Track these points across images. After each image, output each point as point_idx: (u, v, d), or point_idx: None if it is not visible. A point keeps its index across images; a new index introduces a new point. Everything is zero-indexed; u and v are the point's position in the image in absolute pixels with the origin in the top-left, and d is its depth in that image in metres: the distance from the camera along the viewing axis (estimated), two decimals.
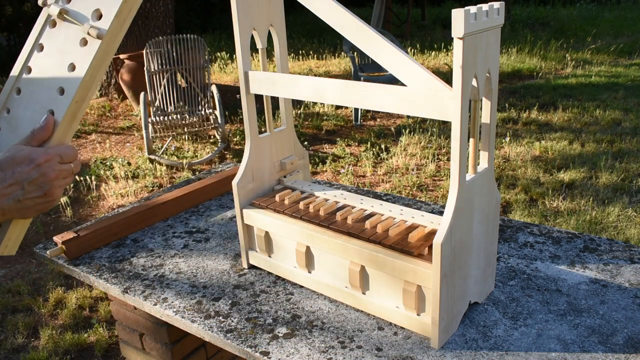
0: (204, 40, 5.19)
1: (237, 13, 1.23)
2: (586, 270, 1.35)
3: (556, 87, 6.93)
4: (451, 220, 1.01)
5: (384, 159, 4.73)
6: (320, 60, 9.31)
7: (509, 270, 1.36)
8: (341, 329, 1.17)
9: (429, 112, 1.01)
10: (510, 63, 8.43)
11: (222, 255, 1.52)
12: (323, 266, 1.26)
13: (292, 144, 1.48)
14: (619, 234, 3.31)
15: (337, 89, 1.14)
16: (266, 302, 1.29)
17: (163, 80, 5.02)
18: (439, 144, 4.99)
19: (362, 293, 1.20)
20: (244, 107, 1.32)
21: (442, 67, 8.10)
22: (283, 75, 1.23)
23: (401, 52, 1.03)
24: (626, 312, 1.18)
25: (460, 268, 1.09)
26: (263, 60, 1.36)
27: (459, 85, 0.94)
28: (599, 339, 1.10)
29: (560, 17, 13.02)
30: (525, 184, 4.06)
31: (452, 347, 1.10)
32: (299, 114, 6.10)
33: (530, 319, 1.17)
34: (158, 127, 4.85)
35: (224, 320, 1.23)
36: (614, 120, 5.51)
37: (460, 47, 0.91)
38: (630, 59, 8.60)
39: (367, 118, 6.01)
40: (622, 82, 7.06)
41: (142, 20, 6.61)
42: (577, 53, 8.98)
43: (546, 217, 3.59)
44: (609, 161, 4.41)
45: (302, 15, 13.60)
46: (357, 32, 1.07)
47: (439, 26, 12.39)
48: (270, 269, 1.38)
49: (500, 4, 0.99)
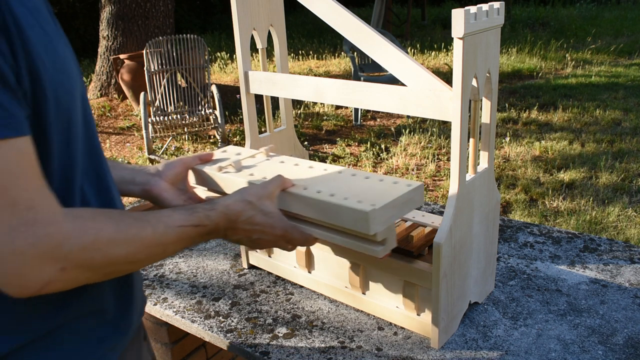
0: (204, 40, 5.19)
1: (237, 13, 1.23)
2: (586, 270, 1.35)
3: (556, 87, 6.93)
4: (451, 220, 1.01)
5: (384, 159, 4.73)
6: (320, 60, 9.31)
7: (509, 270, 1.36)
8: (341, 329, 1.18)
9: (429, 112, 1.01)
10: (510, 63, 8.43)
11: (222, 255, 1.52)
12: (323, 266, 1.26)
13: (292, 144, 1.48)
14: (619, 234, 3.31)
15: (337, 89, 1.14)
16: (266, 302, 1.29)
17: (163, 80, 5.02)
18: (439, 144, 4.99)
19: (362, 293, 1.20)
20: (244, 107, 1.32)
21: (442, 67, 8.10)
22: (283, 75, 1.23)
23: (401, 52, 1.03)
24: (626, 312, 1.18)
25: (460, 268, 1.09)
26: (263, 60, 1.36)
27: (459, 85, 0.94)
28: (599, 339, 1.10)
29: (560, 17, 13.02)
30: (525, 184, 4.07)
31: (452, 347, 1.10)
32: (299, 114, 6.10)
33: (530, 319, 1.17)
34: (158, 127, 4.85)
35: (224, 320, 1.23)
36: (614, 120, 5.52)
37: (460, 47, 0.91)
38: (630, 59, 8.60)
39: (367, 118, 6.01)
40: (622, 82, 7.06)
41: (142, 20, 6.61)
42: (577, 53, 8.99)
43: (546, 217, 3.59)
44: (609, 161, 4.41)
45: (302, 15, 13.60)
46: (357, 32, 1.07)
47: (439, 26, 12.39)
48: (270, 269, 1.38)
49: (500, 4, 0.99)
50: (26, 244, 0.57)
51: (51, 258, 0.59)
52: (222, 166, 1.11)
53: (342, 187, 0.98)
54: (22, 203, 0.57)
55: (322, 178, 1.04)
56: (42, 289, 0.60)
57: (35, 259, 0.58)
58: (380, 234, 0.92)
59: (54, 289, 0.62)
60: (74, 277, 0.63)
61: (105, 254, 0.66)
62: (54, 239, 0.59)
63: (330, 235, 0.98)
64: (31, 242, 0.57)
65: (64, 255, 0.61)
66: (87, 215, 0.66)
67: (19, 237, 0.57)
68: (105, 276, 0.70)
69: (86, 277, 0.66)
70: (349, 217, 0.90)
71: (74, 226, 0.62)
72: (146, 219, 0.74)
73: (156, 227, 0.74)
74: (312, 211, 0.96)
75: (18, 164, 0.58)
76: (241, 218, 0.89)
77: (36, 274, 0.59)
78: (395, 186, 0.96)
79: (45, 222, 0.59)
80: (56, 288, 0.62)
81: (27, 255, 0.58)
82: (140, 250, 0.71)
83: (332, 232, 0.98)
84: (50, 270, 0.60)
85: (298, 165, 1.12)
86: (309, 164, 1.12)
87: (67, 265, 0.61)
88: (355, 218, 0.89)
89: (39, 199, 0.59)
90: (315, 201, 0.95)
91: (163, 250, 0.76)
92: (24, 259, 0.58)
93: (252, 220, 0.90)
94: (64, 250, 0.60)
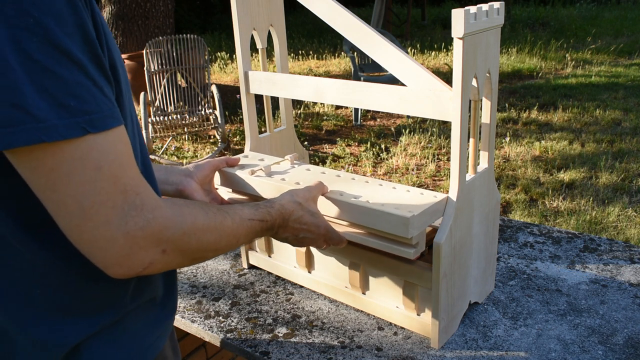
0: (204, 40, 5.19)
1: (237, 13, 1.23)
2: (586, 270, 1.35)
3: (556, 87, 6.93)
4: (451, 220, 1.01)
5: (384, 158, 4.73)
6: (320, 60, 9.31)
7: (509, 270, 1.36)
8: (341, 329, 1.17)
9: (429, 112, 1.01)
10: (510, 63, 8.43)
11: (222, 255, 1.52)
12: (323, 266, 1.26)
13: (292, 144, 1.48)
14: (619, 234, 3.31)
15: (337, 89, 1.14)
16: (266, 302, 1.29)
17: (163, 80, 5.02)
18: (439, 144, 4.99)
19: (362, 293, 1.20)
20: (244, 107, 1.32)
21: (442, 67, 8.10)
22: (283, 75, 1.23)
23: (401, 52, 1.03)
24: (626, 312, 1.18)
25: (460, 268, 1.09)
26: (263, 60, 1.36)
27: (459, 85, 0.94)
28: (599, 339, 1.10)
29: (560, 17, 13.02)
30: (525, 184, 4.07)
31: (452, 347, 1.10)
32: (299, 114, 6.10)
33: (530, 319, 1.17)
34: (158, 127, 4.85)
35: (224, 320, 1.23)
36: (614, 120, 5.52)
37: (460, 47, 0.91)
38: (630, 59, 8.60)
39: (367, 118, 6.01)
40: (622, 82, 7.06)
41: (142, 20, 6.61)
42: (577, 53, 8.99)
43: (546, 217, 3.59)
44: (609, 161, 4.41)
45: (302, 15, 13.60)
46: (357, 32, 1.07)
47: (439, 26, 12.39)
48: (270, 269, 1.38)
49: (500, 4, 0.99)
50: (136, 227, 0.61)
51: (156, 240, 0.64)
52: (253, 170, 1.18)
53: (375, 195, 1.06)
54: (131, 190, 0.61)
55: (352, 186, 1.11)
56: (144, 270, 0.64)
57: (143, 241, 0.62)
58: (415, 238, 1.00)
59: (152, 271, 0.66)
60: (171, 260, 0.67)
61: (198, 239, 0.70)
62: (160, 223, 0.63)
63: (362, 238, 1.05)
64: (140, 225, 0.61)
65: (166, 238, 0.65)
66: (181, 203, 0.71)
67: (130, 221, 0.61)
68: (192, 261, 0.74)
69: (178, 261, 0.70)
70: (387, 221, 0.98)
71: (173, 212, 0.66)
72: (224, 210, 0.79)
73: (234, 218, 0.80)
74: (349, 215, 1.04)
75: (124, 152, 0.61)
76: (292, 217, 0.96)
77: (142, 256, 0.63)
78: (423, 197, 1.05)
79: (151, 207, 0.63)
80: (154, 270, 0.66)
81: (137, 238, 0.61)
82: (223, 239, 0.77)
83: (365, 234, 1.06)
84: (153, 253, 0.64)
85: (325, 174, 1.18)
86: (335, 173, 1.19)
87: (167, 247, 0.65)
88: (394, 223, 0.97)
89: (142, 186, 0.63)
90: (354, 207, 1.02)
91: (236, 241, 0.81)
92: (134, 241, 0.61)
93: (301, 220, 0.97)
94: (167, 233, 0.65)
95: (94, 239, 0.60)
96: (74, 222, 0.59)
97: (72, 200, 0.58)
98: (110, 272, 0.63)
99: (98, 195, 0.58)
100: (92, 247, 0.60)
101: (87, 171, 0.57)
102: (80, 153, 0.57)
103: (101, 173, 0.58)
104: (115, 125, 0.60)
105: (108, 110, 0.59)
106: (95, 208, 0.58)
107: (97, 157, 0.58)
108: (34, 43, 0.53)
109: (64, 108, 0.55)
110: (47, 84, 0.54)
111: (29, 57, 0.53)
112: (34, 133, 0.53)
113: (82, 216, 0.58)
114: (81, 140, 0.56)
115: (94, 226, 0.59)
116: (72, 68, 0.55)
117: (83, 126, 0.56)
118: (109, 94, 0.60)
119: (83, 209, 0.58)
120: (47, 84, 0.54)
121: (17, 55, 0.53)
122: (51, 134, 0.54)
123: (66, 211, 0.58)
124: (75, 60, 0.56)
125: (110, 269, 0.63)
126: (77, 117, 0.56)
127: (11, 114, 0.53)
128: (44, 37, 0.54)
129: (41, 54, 0.54)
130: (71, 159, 0.56)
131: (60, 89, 0.55)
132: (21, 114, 0.53)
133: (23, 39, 0.53)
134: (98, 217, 0.59)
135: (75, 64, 0.56)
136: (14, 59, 0.52)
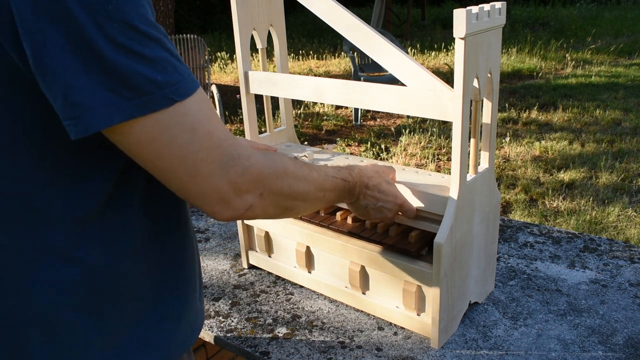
0: (204, 40, 5.19)
1: (237, 13, 1.23)
2: (586, 270, 1.35)
3: (556, 87, 6.93)
4: (452, 220, 1.01)
5: (384, 159, 4.73)
6: (320, 60, 9.31)
7: (509, 270, 1.36)
8: (341, 329, 1.17)
9: (429, 112, 1.01)
10: (510, 63, 8.43)
11: (222, 255, 1.52)
12: (323, 266, 1.26)
13: (292, 144, 1.48)
14: (619, 234, 3.31)
15: (337, 89, 1.14)
16: (266, 302, 1.29)
17: None
18: (439, 144, 4.99)
19: (362, 293, 1.20)
20: (244, 107, 1.32)
21: (442, 67, 8.10)
22: (283, 75, 1.23)
23: (401, 52, 1.03)
24: (626, 312, 1.18)
25: (461, 268, 1.09)
26: (263, 60, 1.35)
27: (460, 85, 0.94)
28: (599, 339, 1.10)
29: (560, 17, 13.03)
30: (525, 184, 4.07)
31: (452, 347, 1.10)
32: (299, 114, 6.10)
33: (530, 319, 1.17)
34: None
35: (224, 320, 1.23)
36: (614, 120, 5.52)
37: (462, 47, 0.91)
38: (630, 59, 8.60)
39: (367, 118, 6.01)
40: (622, 82, 7.06)
41: None
42: (577, 53, 8.99)
43: (546, 217, 3.59)
44: (609, 161, 4.41)
45: (302, 15, 13.60)
46: (357, 32, 1.07)
47: (439, 26, 12.39)
48: (270, 269, 1.38)
49: (501, 4, 0.99)
50: (236, 174, 0.68)
51: (255, 184, 0.71)
52: (297, 156, 1.20)
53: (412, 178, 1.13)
54: (225, 142, 0.67)
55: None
56: (245, 211, 0.72)
57: (244, 185, 0.70)
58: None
59: (253, 215, 0.73)
60: (267, 204, 0.75)
61: (290, 186, 0.78)
62: (256, 169, 0.71)
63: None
64: (240, 172, 0.69)
65: (262, 182, 0.72)
66: (272, 153, 0.78)
67: (231, 170, 0.68)
68: (285, 211, 0.81)
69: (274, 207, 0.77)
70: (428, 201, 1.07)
71: (266, 159, 0.73)
72: (309, 165, 0.86)
73: (319, 172, 0.88)
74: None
75: (210, 109, 0.67)
76: (371, 183, 1.02)
77: (244, 199, 0.71)
78: (445, 180, 1.12)
79: (246, 156, 0.69)
80: (255, 213, 0.73)
81: (238, 183, 0.69)
82: (311, 190, 0.84)
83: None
84: (253, 196, 0.72)
85: (363, 162, 1.22)
86: (373, 162, 1.23)
87: (264, 191, 0.73)
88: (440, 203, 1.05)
89: (232, 138, 0.69)
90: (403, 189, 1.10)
91: (322, 195, 0.88)
92: (236, 186, 0.69)
93: (379, 188, 1.03)
94: (262, 178, 0.72)
95: (202, 192, 0.67)
96: (183, 180, 0.66)
97: (178, 163, 0.64)
98: (219, 217, 0.71)
99: (198, 153, 0.64)
100: (202, 198, 0.68)
101: (185, 134, 0.63)
102: (175, 121, 0.62)
103: (197, 134, 0.64)
104: (197, 87, 0.65)
105: (188, 76, 0.64)
106: (199, 165, 0.65)
107: (190, 121, 0.63)
108: (114, 28, 0.57)
109: (153, 84, 0.60)
110: (134, 65, 0.59)
111: (113, 42, 0.57)
112: (128, 110, 0.59)
113: (189, 174, 0.65)
114: (172, 109, 0.62)
115: (202, 180, 0.66)
116: (152, 45, 0.60)
117: (171, 97, 0.61)
118: (180, 58, 0.65)
119: (189, 169, 0.65)
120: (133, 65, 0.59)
121: (105, 41, 0.57)
122: (144, 109, 0.60)
123: (174, 174, 0.65)
124: (153, 37, 0.61)
125: (219, 214, 0.70)
126: (165, 89, 0.61)
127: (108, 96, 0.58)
128: (122, 21, 0.58)
129: (124, 37, 0.58)
130: (167, 127, 0.62)
131: (147, 68, 0.60)
132: (115, 96, 0.58)
133: (106, 25, 0.57)
134: (203, 172, 0.66)
135: (153, 40, 0.61)
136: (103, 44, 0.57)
